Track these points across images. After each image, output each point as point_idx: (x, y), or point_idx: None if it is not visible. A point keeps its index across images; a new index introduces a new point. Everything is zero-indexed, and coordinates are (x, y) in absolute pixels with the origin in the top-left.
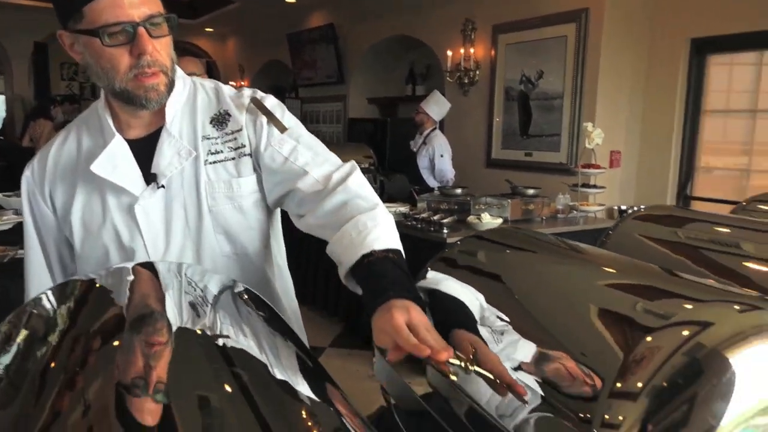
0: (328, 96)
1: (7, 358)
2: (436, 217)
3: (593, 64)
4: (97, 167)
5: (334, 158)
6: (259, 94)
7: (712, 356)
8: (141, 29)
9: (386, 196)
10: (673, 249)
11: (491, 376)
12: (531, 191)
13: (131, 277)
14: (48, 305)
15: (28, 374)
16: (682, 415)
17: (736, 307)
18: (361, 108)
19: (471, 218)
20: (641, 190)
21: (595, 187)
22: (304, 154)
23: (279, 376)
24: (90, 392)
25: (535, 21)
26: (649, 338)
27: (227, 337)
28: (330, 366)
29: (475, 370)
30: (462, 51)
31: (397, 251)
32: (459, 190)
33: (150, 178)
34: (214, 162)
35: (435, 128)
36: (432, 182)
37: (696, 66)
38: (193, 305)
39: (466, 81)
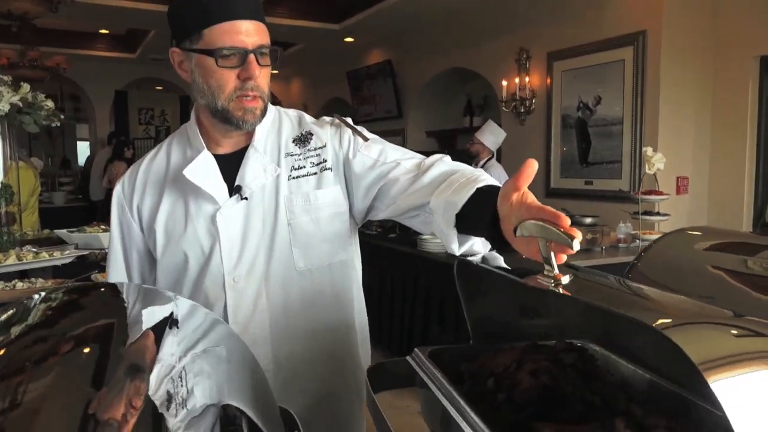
0: (388, 130)
1: None
2: None
3: (653, 87)
4: (189, 172)
5: (420, 155)
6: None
7: None
8: (251, 56)
9: None
10: (709, 270)
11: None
12: (589, 220)
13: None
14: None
15: None
16: None
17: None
18: (420, 141)
19: None
20: (714, 217)
21: (658, 214)
22: (393, 153)
23: None
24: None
25: (590, 46)
26: None
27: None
28: (381, 401)
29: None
30: (517, 80)
31: None
32: None
33: (234, 190)
34: (297, 177)
35: (491, 158)
36: None
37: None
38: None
39: (522, 110)
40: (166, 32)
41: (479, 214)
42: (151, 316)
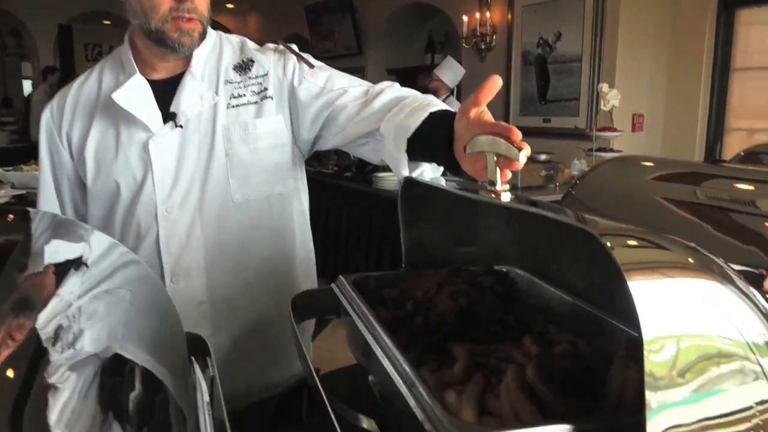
0: (348, 68)
1: None
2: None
3: (612, 24)
4: (118, 97)
5: (368, 82)
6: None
7: None
8: None
9: None
10: (639, 196)
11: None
12: (543, 156)
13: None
14: None
15: None
16: None
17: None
18: (380, 79)
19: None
20: (667, 154)
21: (612, 151)
22: (340, 80)
23: None
24: None
25: None
26: None
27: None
28: (335, 337)
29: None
30: (478, 15)
31: None
32: None
33: (168, 117)
34: (236, 105)
35: (450, 95)
36: None
37: (724, 22)
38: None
39: (482, 47)
40: None
41: (433, 136)
42: (58, 248)
